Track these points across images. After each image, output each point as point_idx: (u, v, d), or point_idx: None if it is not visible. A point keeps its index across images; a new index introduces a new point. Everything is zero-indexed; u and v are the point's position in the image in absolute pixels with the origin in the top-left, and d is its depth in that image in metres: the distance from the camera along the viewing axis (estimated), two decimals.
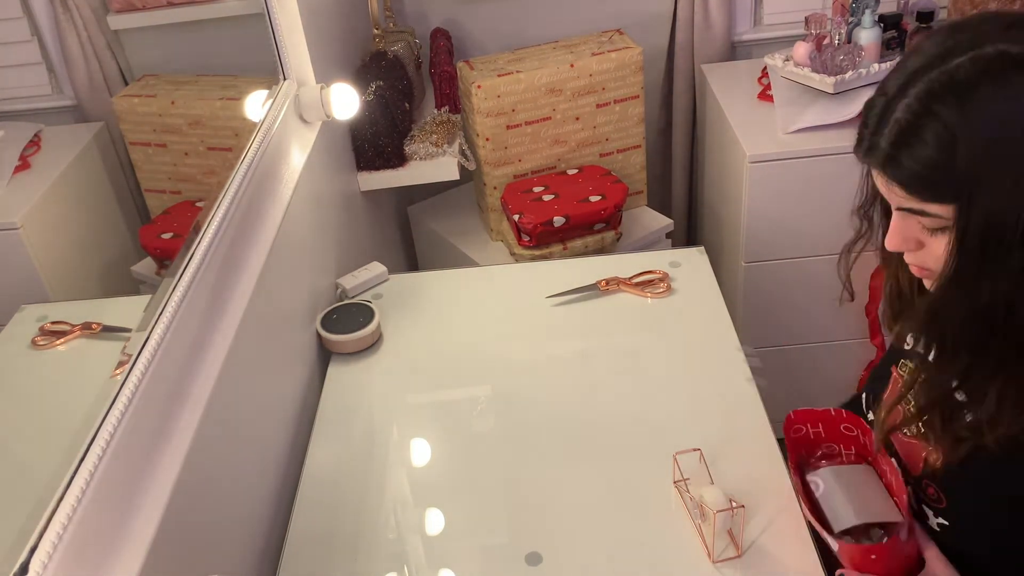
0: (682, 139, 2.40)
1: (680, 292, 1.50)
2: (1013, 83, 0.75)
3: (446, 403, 1.36)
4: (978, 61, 0.76)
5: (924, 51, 0.81)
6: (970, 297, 0.81)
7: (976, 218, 0.77)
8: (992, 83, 0.75)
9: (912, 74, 0.80)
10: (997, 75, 0.75)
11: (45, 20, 1.00)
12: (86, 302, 0.93)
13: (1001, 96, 0.75)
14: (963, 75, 0.77)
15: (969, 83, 0.76)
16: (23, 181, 0.88)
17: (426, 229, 2.22)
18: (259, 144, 1.23)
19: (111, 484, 0.79)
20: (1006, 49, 0.76)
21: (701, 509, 1.06)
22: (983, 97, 0.76)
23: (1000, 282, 0.79)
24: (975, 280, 0.80)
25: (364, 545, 1.13)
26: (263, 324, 1.22)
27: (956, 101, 0.76)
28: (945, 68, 0.78)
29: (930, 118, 0.78)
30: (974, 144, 0.76)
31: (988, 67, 0.76)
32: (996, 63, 0.76)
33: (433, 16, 2.28)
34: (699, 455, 1.14)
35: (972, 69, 0.76)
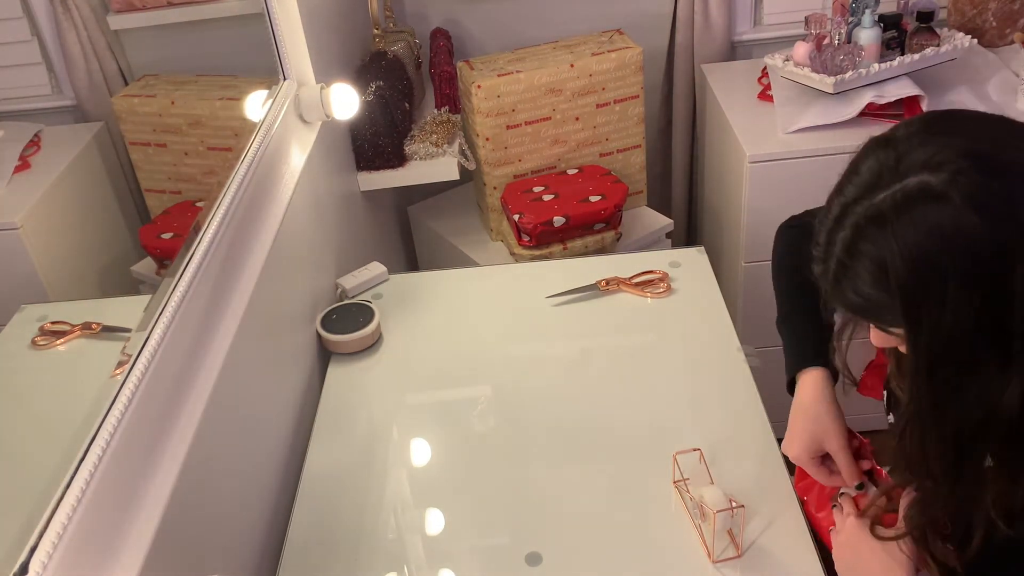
0: (682, 139, 2.40)
1: (680, 292, 1.50)
2: (934, 216, 0.75)
3: (446, 403, 1.36)
4: (899, 195, 0.77)
5: (859, 174, 0.82)
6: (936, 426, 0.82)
7: (922, 343, 0.78)
8: (913, 218, 0.75)
9: (845, 205, 0.81)
10: (918, 209, 0.75)
11: (45, 20, 1.00)
12: (86, 302, 0.93)
13: (924, 230, 0.75)
14: (886, 210, 0.77)
15: (892, 218, 0.77)
16: (23, 181, 0.88)
17: (426, 229, 2.22)
18: (259, 144, 1.23)
19: (111, 484, 0.79)
20: (927, 180, 0.76)
21: (701, 509, 1.06)
22: (906, 232, 0.76)
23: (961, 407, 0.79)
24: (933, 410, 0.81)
25: (364, 545, 1.13)
26: (263, 324, 1.22)
27: (881, 237, 0.77)
28: (872, 202, 0.78)
29: (862, 256, 0.79)
30: (903, 277, 0.76)
31: (908, 201, 0.76)
32: (917, 197, 0.76)
33: (433, 16, 2.28)
34: (699, 455, 1.14)
35: (893, 204, 0.77)
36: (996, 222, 0.73)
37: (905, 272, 0.76)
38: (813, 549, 1.05)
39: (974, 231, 0.73)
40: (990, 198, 0.73)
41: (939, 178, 0.75)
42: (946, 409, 0.80)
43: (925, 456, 0.84)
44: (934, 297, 0.75)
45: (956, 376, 0.78)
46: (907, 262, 0.76)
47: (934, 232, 0.75)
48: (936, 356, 0.78)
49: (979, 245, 0.73)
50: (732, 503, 1.04)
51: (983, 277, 0.73)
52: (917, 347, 0.79)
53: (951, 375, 0.78)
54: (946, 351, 0.77)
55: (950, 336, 0.76)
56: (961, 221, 0.73)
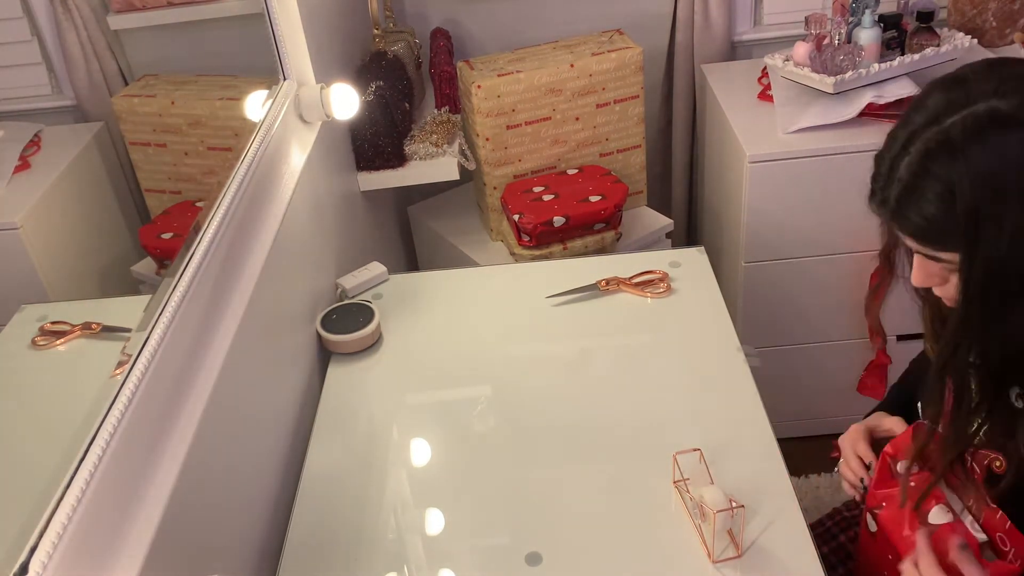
0: (682, 139, 2.40)
1: (680, 292, 1.50)
2: (1001, 140, 0.80)
3: (446, 403, 1.36)
4: (969, 120, 0.81)
5: (925, 107, 0.86)
6: (980, 342, 0.85)
7: (977, 266, 0.82)
8: (982, 141, 0.80)
9: (913, 132, 0.85)
10: (987, 133, 0.80)
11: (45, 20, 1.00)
12: (86, 302, 0.93)
13: (991, 153, 0.80)
14: (956, 134, 0.81)
15: (962, 142, 0.81)
16: (23, 181, 0.88)
17: (426, 229, 2.22)
18: (259, 144, 1.23)
19: (111, 484, 0.79)
20: (996, 106, 0.80)
21: (701, 509, 1.06)
22: (974, 155, 0.80)
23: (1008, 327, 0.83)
24: (983, 325, 0.84)
25: (364, 545, 1.13)
26: (263, 324, 1.22)
27: (951, 160, 0.81)
28: (941, 127, 0.83)
29: (929, 177, 0.83)
30: (969, 199, 0.80)
31: (978, 125, 0.81)
32: (985, 121, 0.80)
33: (433, 16, 2.28)
34: (699, 455, 1.13)
35: (964, 128, 0.81)
36: None
37: (970, 190, 0.79)
38: (813, 549, 1.05)
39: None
40: None
41: (1008, 103, 0.79)
42: (993, 332, 0.84)
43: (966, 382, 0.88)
44: (996, 215, 0.79)
45: (1008, 298, 0.81)
46: (973, 181, 0.79)
47: (1002, 153, 0.79)
48: (991, 276, 0.81)
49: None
50: (732, 503, 1.04)
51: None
52: (973, 267, 0.82)
53: (1003, 296, 0.81)
54: (1001, 271, 0.80)
55: (1008, 255, 0.80)
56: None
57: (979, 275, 0.82)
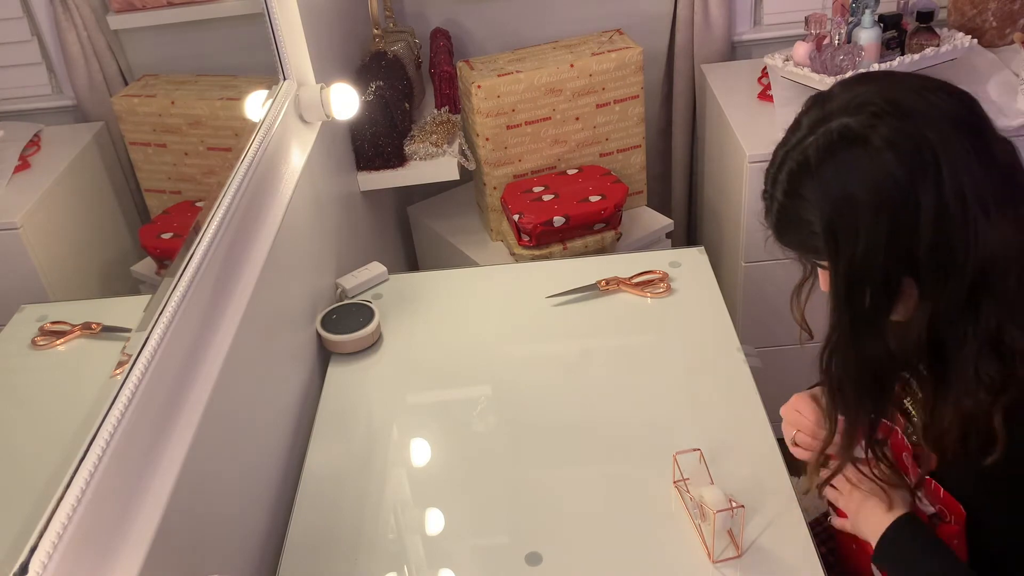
0: (682, 139, 2.40)
1: (680, 292, 1.50)
2: (850, 157, 0.84)
3: (446, 403, 1.36)
4: (821, 139, 0.86)
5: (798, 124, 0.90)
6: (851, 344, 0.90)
7: (840, 276, 0.87)
8: (833, 159, 0.85)
9: (786, 153, 0.90)
10: (838, 151, 0.84)
11: (45, 20, 1.00)
12: (86, 302, 0.93)
13: (842, 170, 0.84)
14: (812, 154, 0.86)
15: (816, 161, 0.86)
16: (23, 181, 0.88)
17: (426, 229, 2.22)
18: (259, 144, 1.23)
19: (111, 484, 0.79)
20: (846, 123, 0.85)
21: (701, 509, 1.06)
22: (828, 173, 0.85)
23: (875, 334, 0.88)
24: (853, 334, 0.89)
25: (364, 545, 1.13)
26: (263, 324, 1.22)
27: (809, 179, 0.87)
28: (801, 147, 0.88)
29: (794, 196, 0.88)
30: (826, 215, 0.86)
31: (829, 144, 0.85)
32: (836, 139, 0.85)
33: (433, 16, 2.28)
34: (699, 455, 1.13)
35: (817, 148, 0.86)
36: (905, 157, 0.81)
37: (827, 206, 0.85)
38: (813, 549, 1.05)
39: (886, 166, 0.81)
40: (900, 136, 0.82)
41: (857, 119, 0.84)
42: (862, 335, 0.88)
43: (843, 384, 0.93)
44: (851, 227, 0.84)
45: (871, 301, 0.86)
46: (828, 196, 0.85)
47: (850, 169, 0.84)
48: (852, 281, 0.86)
49: (890, 179, 0.81)
50: (732, 503, 1.04)
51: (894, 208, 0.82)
52: (837, 275, 0.87)
53: (866, 300, 0.86)
54: (861, 276, 0.85)
55: (864, 261, 0.84)
56: (875, 158, 0.82)
57: (843, 284, 0.87)
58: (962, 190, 0.81)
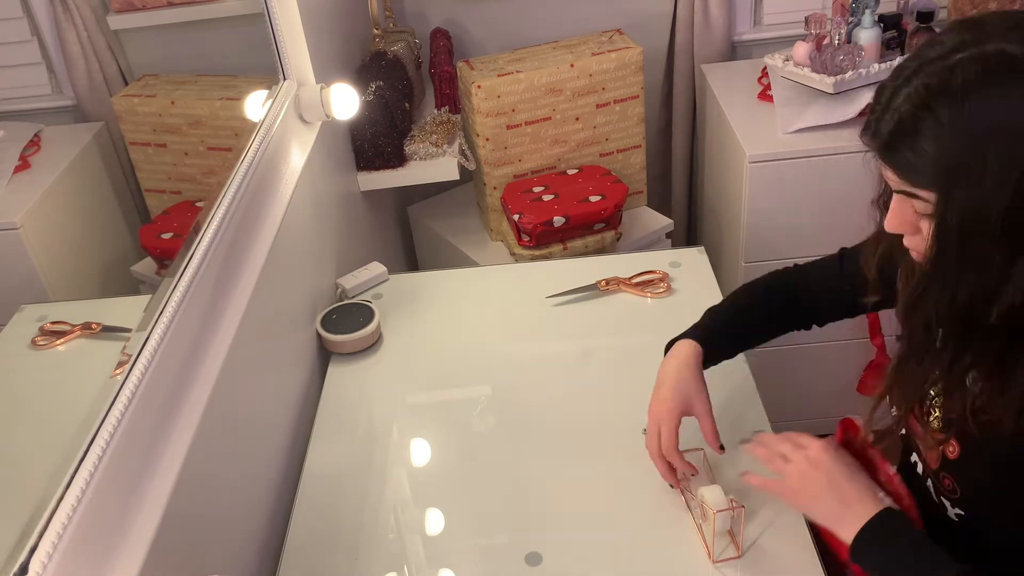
0: (682, 139, 2.40)
1: (680, 292, 1.50)
2: (1006, 84, 0.78)
3: (446, 403, 1.36)
4: (976, 60, 0.79)
5: (939, 43, 0.83)
6: (949, 289, 0.84)
7: (954, 209, 0.81)
8: (986, 83, 0.78)
9: (920, 65, 0.83)
10: (993, 75, 0.78)
11: (45, 20, 1.00)
12: (86, 302, 0.93)
13: (994, 96, 0.78)
14: (961, 73, 0.79)
15: (966, 81, 0.79)
16: (23, 181, 0.88)
17: (426, 229, 2.22)
18: (259, 144, 1.23)
19: (111, 484, 0.79)
20: (1005, 48, 0.78)
21: (702, 509, 1.06)
22: (976, 96, 0.78)
23: (977, 275, 0.82)
24: (952, 271, 0.83)
25: (364, 545, 1.13)
26: (263, 324, 1.22)
27: (951, 98, 0.79)
28: (947, 63, 0.80)
29: (925, 110, 0.81)
30: (962, 139, 0.79)
31: (985, 66, 0.78)
32: (993, 62, 0.78)
33: (433, 16, 2.28)
34: (702, 455, 1.13)
35: (970, 68, 0.79)
36: None
37: (963, 131, 0.78)
38: (813, 549, 1.05)
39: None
40: None
41: (1018, 47, 0.78)
42: (963, 274, 0.82)
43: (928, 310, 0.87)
44: (981, 161, 0.77)
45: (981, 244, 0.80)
46: (968, 121, 0.78)
47: (1003, 98, 0.77)
48: (967, 219, 0.80)
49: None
50: (733, 503, 1.04)
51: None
52: (949, 208, 0.81)
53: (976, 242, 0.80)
54: (978, 216, 0.79)
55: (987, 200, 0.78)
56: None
57: (955, 218, 0.81)
58: None
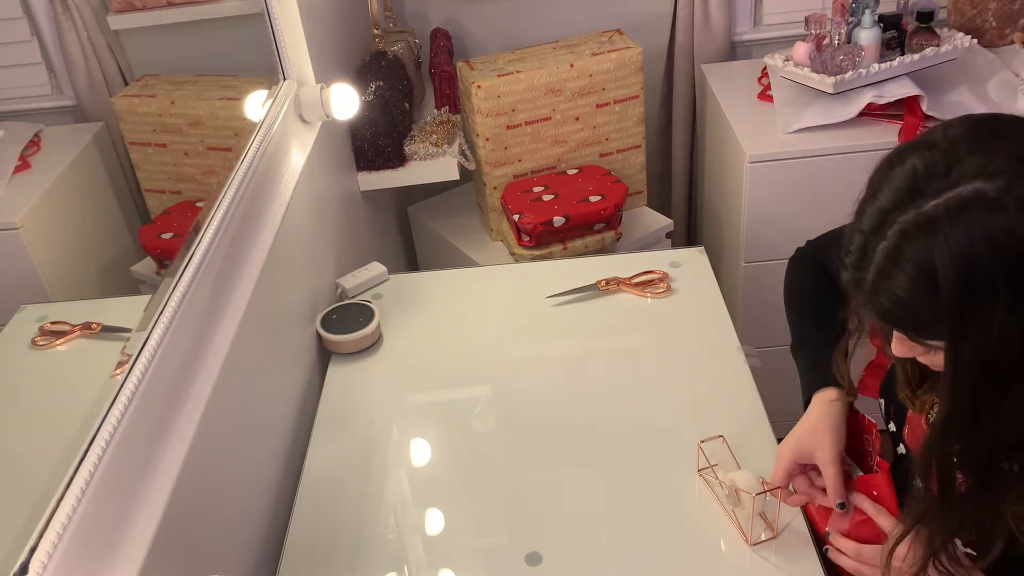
0: (682, 139, 2.40)
1: (680, 292, 1.50)
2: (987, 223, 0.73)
3: (446, 403, 1.36)
4: (952, 203, 0.74)
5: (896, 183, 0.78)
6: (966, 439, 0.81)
7: (965, 358, 0.76)
8: (967, 225, 0.73)
9: (885, 212, 0.78)
10: (972, 216, 0.73)
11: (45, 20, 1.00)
12: (86, 302, 0.93)
13: (978, 237, 0.73)
14: (939, 217, 0.74)
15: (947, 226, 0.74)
16: (23, 181, 0.88)
17: (426, 229, 2.22)
18: (259, 144, 1.23)
19: (111, 484, 0.79)
20: (982, 189, 0.73)
21: (736, 494, 1.05)
22: (958, 239, 0.73)
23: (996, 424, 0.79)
24: (971, 421, 0.79)
25: (364, 545, 1.13)
26: (263, 324, 1.22)
27: (932, 244, 0.74)
28: (920, 210, 0.75)
29: (905, 263, 0.76)
30: (954, 287, 0.74)
31: (962, 208, 0.73)
32: (971, 204, 0.73)
33: (433, 16, 2.28)
34: (722, 441, 1.13)
35: (947, 211, 0.74)
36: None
37: (956, 280, 0.73)
38: (813, 549, 1.05)
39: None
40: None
41: (994, 185, 0.73)
42: (984, 422, 0.78)
43: (951, 469, 0.83)
44: (984, 306, 0.73)
45: (998, 389, 0.76)
46: (959, 270, 0.73)
47: (988, 240, 0.72)
48: (981, 367, 0.76)
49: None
50: (765, 485, 1.04)
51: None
52: (959, 358, 0.76)
53: (993, 387, 0.76)
54: (992, 363, 0.75)
55: (997, 347, 0.74)
56: (1017, 229, 0.72)
57: (967, 367, 0.76)
58: None
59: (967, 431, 0.80)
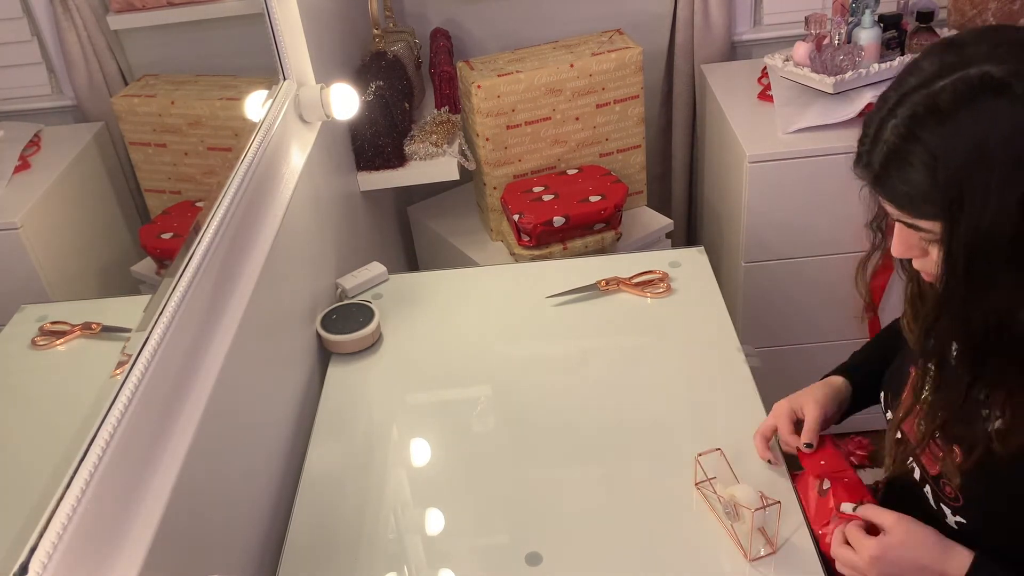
0: (682, 139, 2.40)
1: (680, 292, 1.50)
2: (991, 106, 0.77)
3: (446, 403, 1.36)
4: (960, 84, 0.78)
5: (920, 69, 0.83)
6: (961, 316, 0.83)
7: (959, 237, 0.80)
8: (971, 107, 0.77)
9: (903, 94, 0.83)
10: (977, 98, 0.77)
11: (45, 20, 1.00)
12: (86, 302, 0.93)
13: (980, 119, 0.77)
14: (945, 98, 0.79)
15: (950, 107, 0.78)
16: (23, 181, 0.88)
17: (426, 229, 2.22)
18: (259, 144, 1.23)
19: (111, 484, 0.79)
20: (989, 71, 0.77)
21: (734, 508, 1.05)
22: (962, 121, 0.78)
23: (990, 300, 0.81)
24: (965, 298, 0.82)
25: (364, 545, 1.13)
26: (263, 324, 1.22)
27: (937, 125, 0.79)
28: (930, 91, 0.80)
29: (914, 141, 0.80)
30: (954, 167, 0.78)
31: (969, 90, 0.78)
32: (977, 86, 0.77)
33: (433, 16, 2.28)
34: (720, 454, 1.12)
35: (954, 92, 0.78)
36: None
37: (955, 158, 0.77)
38: (813, 548, 1.05)
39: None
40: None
41: (1001, 68, 0.76)
42: (976, 303, 0.81)
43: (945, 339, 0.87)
44: (981, 185, 0.76)
45: (991, 269, 0.79)
46: (959, 148, 0.77)
47: (991, 120, 0.76)
48: (974, 248, 0.79)
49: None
50: (765, 500, 1.03)
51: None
52: (954, 239, 0.80)
53: (986, 269, 0.79)
54: (984, 244, 0.78)
55: (991, 226, 0.77)
56: (1019, 112, 0.75)
57: (961, 247, 0.80)
58: None
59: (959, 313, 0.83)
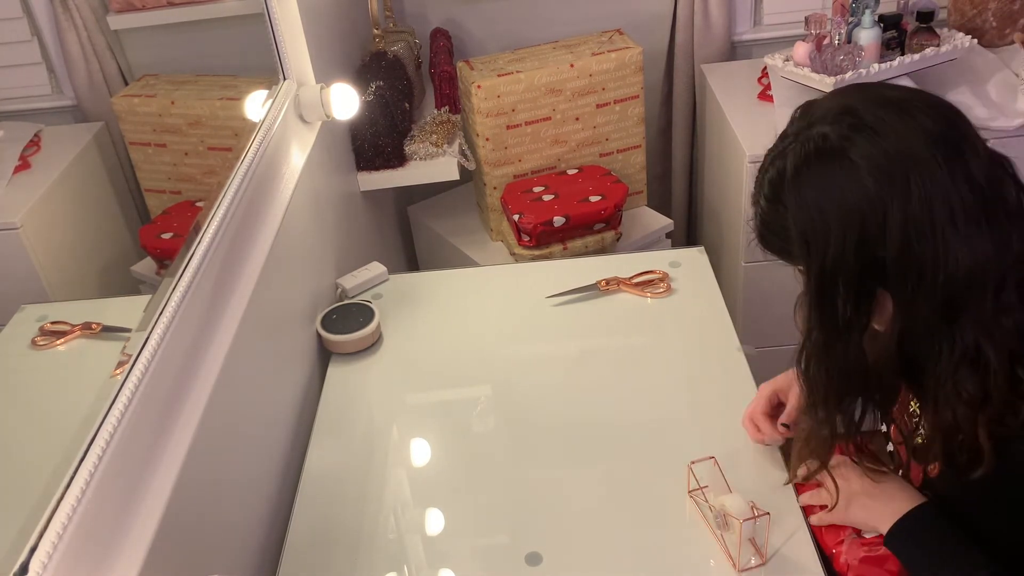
0: (682, 139, 2.40)
1: (680, 292, 1.50)
2: (822, 170, 0.86)
3: (446, 403, 1.36)
4: (799, 148, 0.88)
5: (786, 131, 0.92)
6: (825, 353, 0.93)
7: (813, 279, 0.90)
8: (807, 168, 0.87)
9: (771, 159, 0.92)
10: (812, 162, 0.87)
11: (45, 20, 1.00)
12: (86, 302, 0.93)
13: (814, 183, 0.86)
14: (790, 161, 0.88)
15: (793, 169, 0.88)
16: (23, 181, 0.88)
17: (426, 229, 2.22)
18: (259, 144, 1.23)
19: (111, 484, 0.79)
20: (825, 133, 0.86)
21: (724, 518, 1.04)
22: (801, 182, 0.87)
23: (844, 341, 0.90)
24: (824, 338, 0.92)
25: (364, 545, 1.13)
26: (263, 324, 1.22)
27: (786, 187, 0.89)
28: (783, 153, 0.90)
29: (774, 203, 0.91)
30: (799, 222, 0.88)
31: (805, 154, 0.87)
32: (812, 149, 0.87)
33: (433, 16, 2.28)
34: (713, 462, 1.12)
35: (795, 156, 0.88)
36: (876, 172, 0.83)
37: (800, 215, 0.88)
38: (813, 550, 1.05)
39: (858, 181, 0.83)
40: (874, 152, 0.83)
41: (835, 130, 0.86)
42: (835, 343, 0.91)
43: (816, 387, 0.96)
44: (821, 237, 0.86)
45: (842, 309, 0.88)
46: (801, 206, 0.88)
47: (824, 180, 0.86)
48: (824, 289, 0.88)
49: (860, 192, 0.83)
50: (755, 510, 1.02)
51: (862, 219, 0.83)
52: (810, 281, 0.90)
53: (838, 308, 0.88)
54: (832, 284, 0.87)
55: (834, 270, 0.86)
56: (848, 172, 0.84)
57: (815, 290, 0.90)
58: (931, 205, 0.81)
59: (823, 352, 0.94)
